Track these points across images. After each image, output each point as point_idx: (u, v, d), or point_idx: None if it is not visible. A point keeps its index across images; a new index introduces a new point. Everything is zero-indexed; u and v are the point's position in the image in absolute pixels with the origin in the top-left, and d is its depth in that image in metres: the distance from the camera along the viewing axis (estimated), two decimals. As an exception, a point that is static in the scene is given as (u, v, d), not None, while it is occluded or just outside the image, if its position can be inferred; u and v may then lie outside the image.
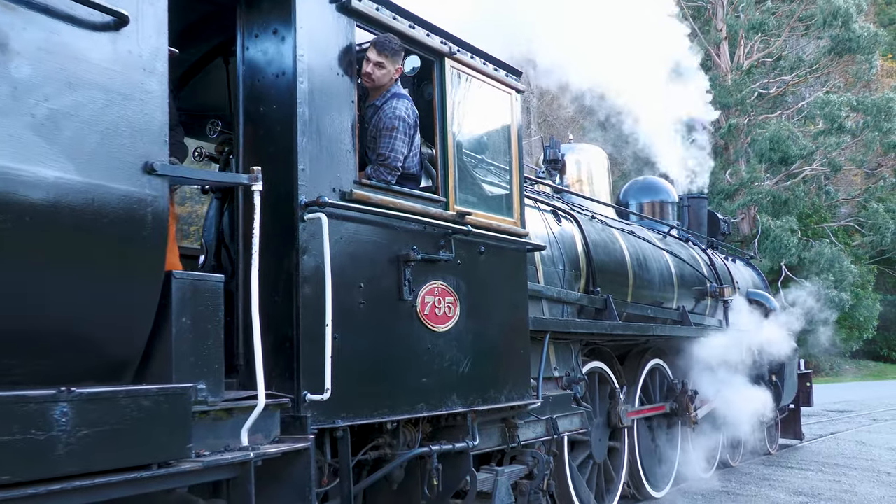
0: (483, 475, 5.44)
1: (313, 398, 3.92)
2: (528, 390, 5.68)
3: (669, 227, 10.23)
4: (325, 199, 4.04)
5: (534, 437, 6.03)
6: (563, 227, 7.36)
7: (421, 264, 4.76)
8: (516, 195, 5.77)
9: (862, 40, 34.10)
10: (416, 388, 4.66)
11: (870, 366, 41.84)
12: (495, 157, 5.69)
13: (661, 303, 9.03)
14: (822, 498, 9.07)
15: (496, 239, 5.47)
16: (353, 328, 4.28)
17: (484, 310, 5.31)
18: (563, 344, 6.80)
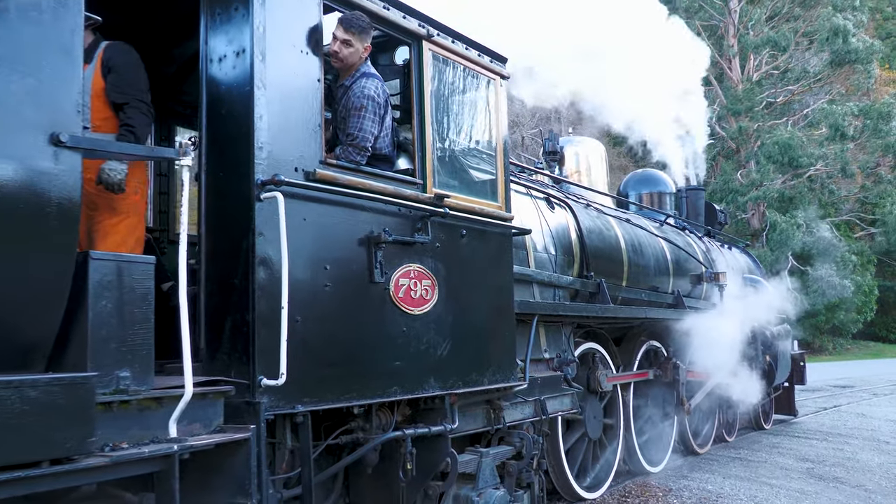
0: (466, 457, 4.80)
1: (269, 383, 3.32)
2: (513, 372, 5.02)
3: (666, 215, 9.46)
4: (280, 178, 3.42)
5: (521, 418, 5.37)
6: (557, 213, 6.67)
7: (395, 247, 4.13)
8: (501, 180, 5.11)
9: (860, 52, 33.67)
10: (389, 372, 4.02)
11: (869, 346, 41.01)
12: (480, 142, 5.02)
13: (657, 287, 8.29)
14: (827, 464, 8.83)
15: (479, 222, 4.80)
16: (318, 311, 3.65)
17: (465, 293, 4.66)
18: (553, 326, 6.12)
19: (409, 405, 4.45)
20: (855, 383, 21.41)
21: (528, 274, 5.81)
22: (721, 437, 10.24)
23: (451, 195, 4.57)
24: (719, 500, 7.00)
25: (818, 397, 17.16)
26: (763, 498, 7.11)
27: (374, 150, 4.11)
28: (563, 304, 6.01)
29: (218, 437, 2.90)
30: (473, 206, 4.74)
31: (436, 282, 4.39)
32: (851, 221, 38.29)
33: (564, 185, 8.23)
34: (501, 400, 5.08)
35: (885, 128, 32.91)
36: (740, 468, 8.57)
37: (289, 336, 3.45)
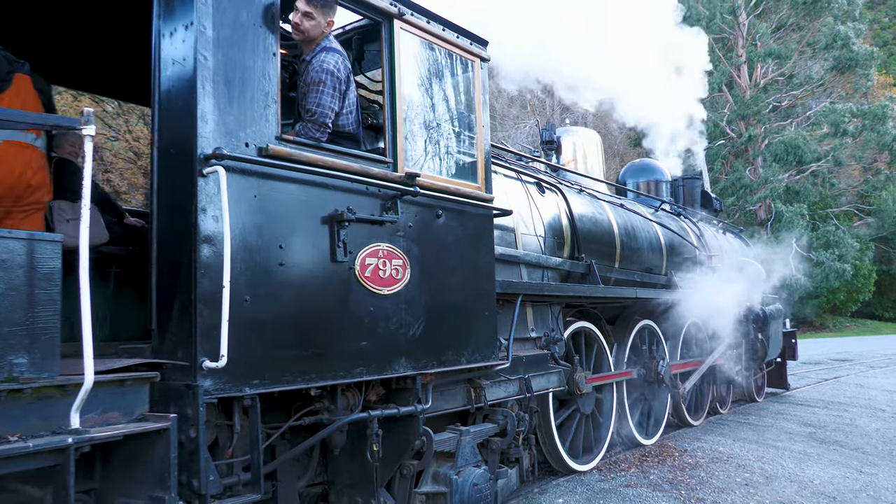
0: (445, 435, 4.23)
1: (211, 365, 2.78)
2: (494, 352, 4.42)
3: (661, 201, 8.72)
4: (222, 152, 2.87)
5: (505, 396, 4.76)
6: (547, 198, 6.02)
7: (361, 226, 3.54)
8: (481, 161, 4.49)
9: (860, 58, 33.22)
10: (354, 352, 3.44)
11: (867, 323, 40.08)
12: (458, 123, 4.41)
13: (651, 269, 7.60)
14: (828, 429, 8.69)
15: (457, 203, 4.19)
16: (271, 290, 3.09)
17: (442, 273, 4.06)
18: (541, 306, 5.50)
19: (382, 385, 3.90)
20: (854, 357, 20.72)
21: (514, 255, 5.19)
22: (714, 410, 9.50)
23: (425, 175, 3.98)
24: (730, 459, 6.83)
25: (820, 369, 16.75)
26: (769, 458, 6.94)
27: (337, 126, 3.53)
28: (549, 284, 5.37)
29: (128, 428, 2.35)
30: (449, 187, 4.13)
31: (408, 262, 3.80)
32: (850, 212, 37.60)
33: (561, 172, 7.57)
34: (482, 379, 4.49)
35: (882, 128, 32.76)
36: (749, 432, 8.34)
37: (236, 316, 2.91)
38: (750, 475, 6.30)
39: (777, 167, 33.16)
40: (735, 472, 6.37)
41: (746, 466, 6.60)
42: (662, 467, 6.42)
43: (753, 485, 5.99)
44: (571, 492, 5.61)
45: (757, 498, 5.60)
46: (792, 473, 6.45)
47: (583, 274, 6.12)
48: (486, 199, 4.44)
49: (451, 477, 4.11)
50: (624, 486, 5.79)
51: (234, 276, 2.92)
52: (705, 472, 6.31)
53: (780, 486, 5.96)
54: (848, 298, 36.22)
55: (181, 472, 2.72)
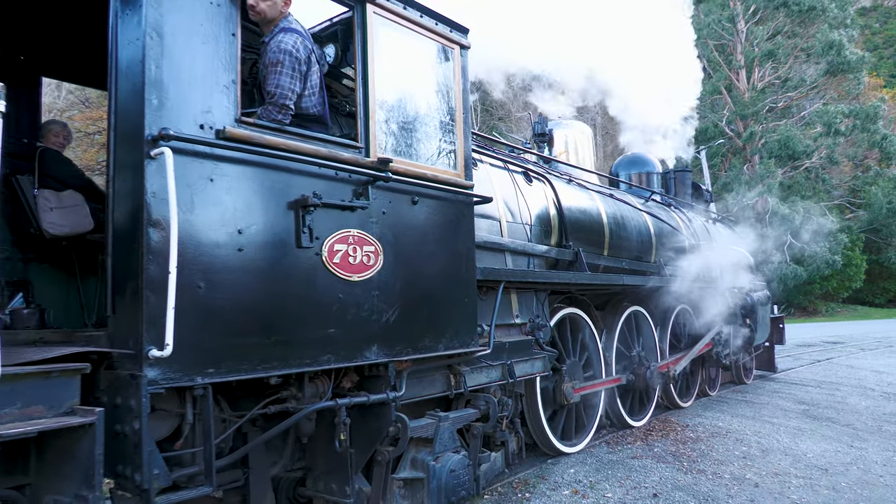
0: (424, 421, 3.88)
1: (157, 354, 2.45)
2: (474, 338, 4.05)
3: (651, 192, 8.25)
4: (169, 132, 2.53)
5: (487, 382, 4.40)
6: (535, 187, 5.62)
7: (330, 211, 3.19)
8: (461, 149, 4.10)
9: (852, 62, 33.00)
10: (321, 340, 3.09)
11: (858, 309, 39.20)
12: (436, 110, 4.01)
13: (641, 257, 7.16)
14: (821, 406, 8.57)
15: (435, 189, 3.83)
16: (229, 277, 2.74)
17: (418, 259, 3.69)
18: (526, 293, 5.11)
19: (355, 372, 3.55)
20: (845, 340, 20.14)
21: (499, 243, 4.80)
22: (704, 392, 9.05)
23: (400, 161, 3.61)
24: (728, 434, 6.80)
25: (813, 351, 16.44)
26: (766, 433, 6.90)
27: (301, 109, 3.17)
28: (533, 271, 4.98)
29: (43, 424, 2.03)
30: (426, 174, 3.76)
31: (381, 248, 3.44)
32: (842, 205, 37.19)
33: (553, 163, 7.15)
34: (462, 365, 4.12)
35: (873, 127, 32.56)
36: (746, 409, 8.25)
37: (190, 304, 2.57)
38: (747, 448, 6.23)
39: (773, 163, 32.99)
40: (733, 446, 6.30)
41: (744, 441, 6.52)
42: (666, 441, 6.39)
43: (751, 457, 5.92)
44: (582, 463, 5.55)
45: (754, 469, 5.53)
46: (787, 447, 6.35)
47: (570, 261, 5.72)
48: (466, 187, 4.06)
49: (429, 463, 3.76)
50: (630, 457, 5.75)
51: (187, 262, 2.58)
52: (706, 446, 6.25)
53: (776, 459, 5.89)
54: (840, 286, 35.85)
55: (125, 466, 2.40)
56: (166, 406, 2.71)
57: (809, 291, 35.31)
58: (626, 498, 4.72)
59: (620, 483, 5.04)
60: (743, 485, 5.11)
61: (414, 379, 3.79)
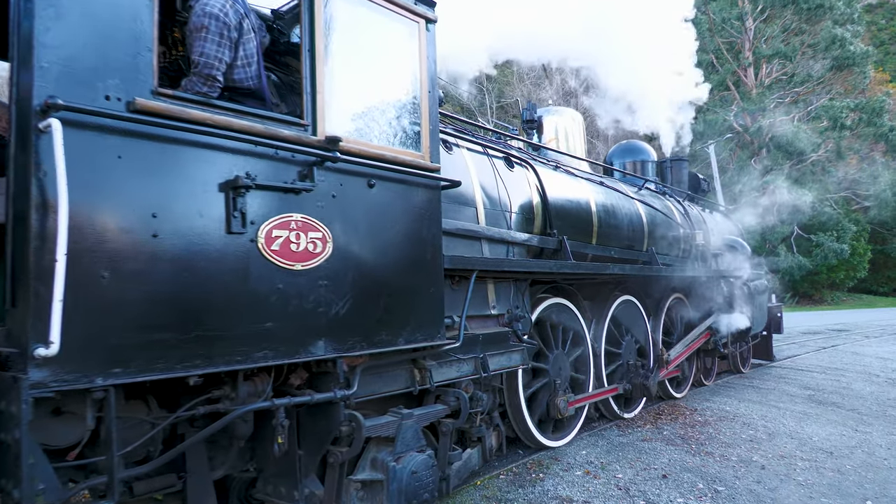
0: (384, 419, 3.46)
1: (44, 353, 2.06)
2: (440, 330, 3.62)
3: (645, 180, 7.73)
4: (57, 102, 2.12)
5: (457, 377, 3.97)
6: (516, 173, 5.16)
7: (267, 194, 2.77)
8: (426, 129, 3.66)
9: (858, 57, 32.45)
10: (254, 335, 2.68)
11: (863, 297, 38.69)
12: (398, 87, 3.58)
13: (632, 246, 6.68)
14: (826, 392, 8.42)
15: (395, 172, 3.41)
16: (140, 266, 2.33)
17: (374, 247, 3.27)
18: (504, 282, 4.68)
19: (305, 369, 3.15)
20: (850, 328, 19.65)
21: (474, 230, 4.36)
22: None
23: (354, 141, 3.18)
24: (736, 418, 6.71)
25: (818, 338, 16.15)
26: (772, 417, 6.80)
27: (233, 81, 2.75)
28: (509, 259, 4.52)
29: None
30: (386, 155, 3.32)
31: (330, 234, 3.02)
32: (848, 197, 36.48)
33: (542, 151, 6.69)
34: (428, 359, 3.71)
35: (878, 121, 32.05)
36: (753, 394, 8.09)
37: (90, 296, 2.18)
38: (754, 432, 6.13)
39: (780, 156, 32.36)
40: (741, 430, 6.21)
41: (751, 424, 6.43)
42: (675, 424, 6.32)
43: (757, 441, 5.83)
44: (593, 445, 5.50)
45: (760, 452, 5.45)
46: (793, 431, 6.24)
47: (555, 250, 5.27)
48: (432, 170, 3.62)
49: (389, 464, 3.36)
50: (640, 440, 5.70)
51: (86, 249, 2.18)
52: (713, 429, 6.17)
53: (782, 443, 5.81)
54: (845, 275, 35.30)
55: (7, 480, 2.03)
56: (76, 410, 2.33)
57: (815, 281, 34.91)
58: (636, 479, 4.65)
59: (631, 464, 4.97)
60: (750, 467, 5.00)
61: (372, 375, 3.38)
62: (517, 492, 4.33)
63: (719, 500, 4.34)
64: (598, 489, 4.43)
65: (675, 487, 4.51)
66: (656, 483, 4.58)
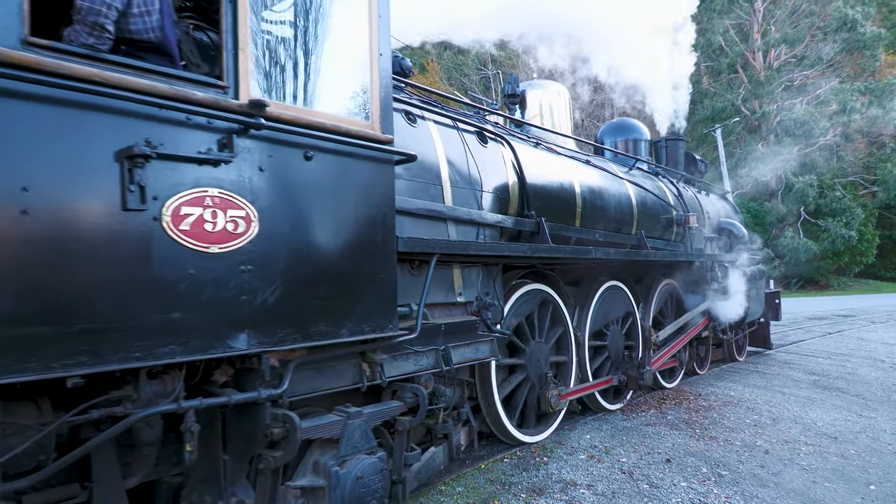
0: (327, 419, 3.11)
1: None
2: (391, 321, 3.27)
3: (636, 160, 7.31)
4: None
5: (415, 371, 3.62)
6: (490, 149, 4.77)
7: (176, 165, 2.39)
8: (375, 96, 3.26)
9: (868, 39, 31.95)
10: (158, 327, 2.31)
11: (870, 283, 38.26)
12: (342, 49, 3.18)
13: (620, 229, 6.30)
14: (831, 377, 8.33)
15: (338, 144, 3.03)
16: (6, 250, 2.00)
17: (312, 227, 2.89)
18: (472, 267, 4.30)
19: (230, 365, 2.80)
20: (856, 313, 19.44)
21: (437, 210, 3.97)
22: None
23: (287, 107, 2.80)
24: (740, 403, 6.66)
25: (824, 324, 15.97)
26: (776, 402, 6.76)
27: (128, 33, 2.35)
28: (475, 242, 4.14)
29: None
30: (325, 123, 2.94)
31: (255, 213, 2.65)
32: (856, 181, 36.27)
33: (525, 127, 6.28)
34: (379, 352, 3.35)
35: (889, 104, 31.40)
36: (758, 379, 8.03)
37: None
38: (758, 417, 6.10)
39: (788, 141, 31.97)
40: (745, 415, 6.17)
41: (755, 409, 6.39)
42: (679, 409, 6.29)
43: (761, 425, 5.78)
44: (597, 429, 5.48)
45: (764, 437, 5.42)
46: (797, 416, 6.21)
47: (532, 232, 4.90)
48: (383, 142, 3.23)
49: (332, 468, 3.02)
50: (644, 424, 5.67)
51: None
52: (718, 414, 6.14)
53: (786, 427, 5.77)
54: (852, 261, 34.97)
55: None
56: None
57: (822, 266, 34.68)
58: (640, 463, 4.62)
59: (635, 448, 4.95)
60: (754, 451, 4.98)
61: (311, 370, 3.02)
62: (521, 475, 4.30)
63: (723, 484, 4.28)
64: (602, 473, 4.39)
65: (679, 471, 4.46)
66: (660, 467, 4.52)
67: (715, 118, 33.11)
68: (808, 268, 34.50)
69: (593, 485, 4.18)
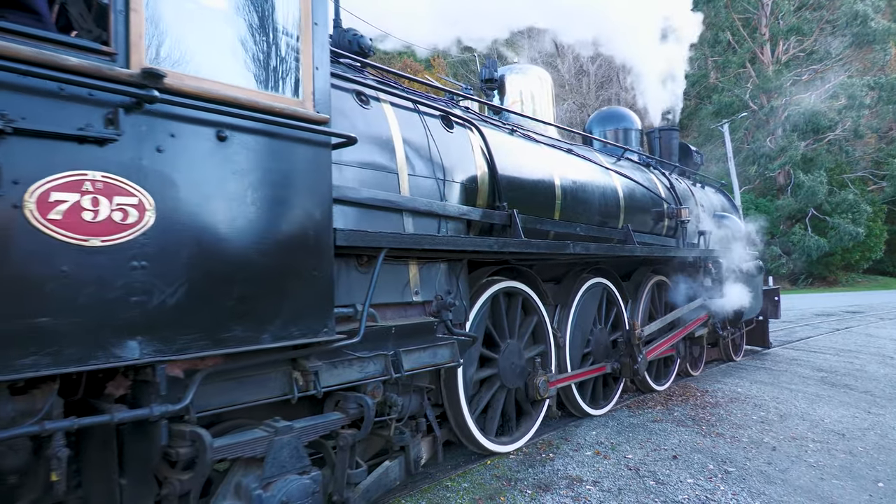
0: (247, 436, 2.74)
1: None
2: (326, 323, 2.89)
3: (624, 149, 6.90)
4: None
5: (360, 379, 3.24)
6: (456, 135, 4.37)
7: (45, 143, 2.03)
8: (308, 68, 2.88)
9: (878, 34, 31.57)
10: (18, 334, 1.97)
11: (878, 279, 38.39)
12: (267, 12, 2.82)
13: (606, 223, 5.91)
14: (839, 374, 8.24)
15: (262, 122, 2.66)
16: None
17: (225, 218, 2.49)
18: (432, 263, 3.92)
19: (125, 376, 2.44)
20: (864, 310, 19.44)
21: (390, 200, 3.60)
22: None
23: (193, 77, 2.43)
24: (747, 400, 6.59)
25: (832, 320, 15.89)
26: (784, 399, 6.68)
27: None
28: (430, 235, 3.71)
29: None
30: (241, 98, 2.56)
31: (151, 201, 2.27)
32: (865, 177, 36.11)
33: (504, 114, 5.89)
34: (314, 359, 2.97)
35: None
36: (765, 375, 7.94)
37: None
38: (765, 414, 6.04)
39: (795, 136, 31.83)
40: (752, 411, 6.11)
41: (762, 406, 6.33)
42: (685, 406, 6.23)
43: (768, 422, 5.73)
44: (604, 426, 5.43)
45: (772, 434, 5.36)
46: (804, 413, 6.14)
47: (504, 226, 4.51)
48: (316, 121, 2.85)
49: (253, 491, 2.66)
50: (650, 421, 5.62)
51: None
52: (724, 411, 6.07)
53: (794, 424, 5.71)
54: (860, 257, 35.04)
55: None
56: None
57: (830, 262, 34.60)
58: (646, 459, 4.58)
59: (641, 445, 4.91)
60: (761, 448, 4.94)
61: (229, 381, 2.66)
62: (527, 471, 4.27)
63: (729, 480, 4.23)
64: (609, 469, 4.36)
65: (686, 468, 4.43)
66: (666, 463, 4.49)
67: (722, 113, 32.60)
68: (816, 264, 34.13)
69: (599, 481, 4.13)
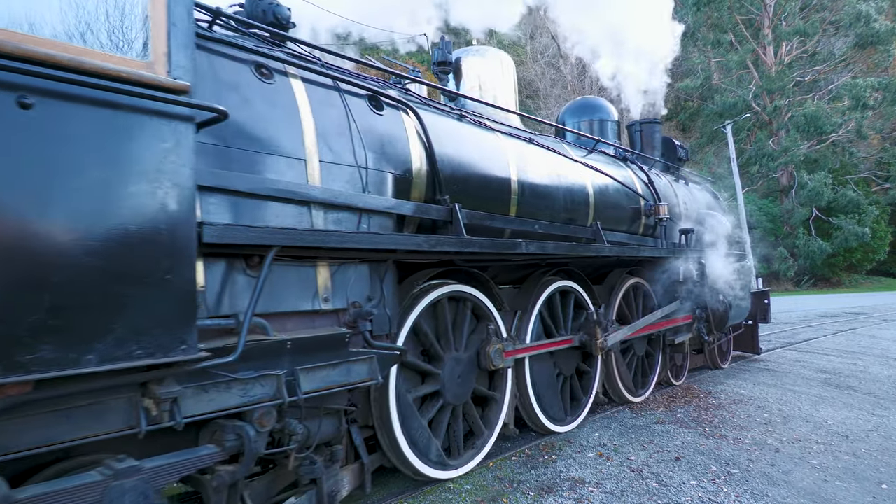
0: (74, 482, 2.20)
1: None
2: (186, 339, 2.33)
3: (597, 141, 6.35)
4: None
5: (240, 404, 2.68)
6: (387, 117, 3.81)
7: None
8: (160, 23, 2.32)
9: (881, 35, 31.35)
10: None
11: (882, 280, 38.11)
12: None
13: (573, 220, 5.35)
14: (842, 375, 8.18)
15: (89, 87, 2.11)
16: None
17: (29, 208, 1.96)
18: (348, 265, 3.37)
19: None
20: (868, 311, 19.29)
21: (293, 191, 3.03)
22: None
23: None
24: (750, 401, 6.56)
25: (836, 322, 15.74)
26: (787, 401, 6.63)
27: None
28: (336, 231, 3.09)
29: None
30: (58, 56, 2.01)
31: None
32: (868, 178, 35.93)
33: (461, 100, 5.34)
34: (170, 383, 2.41)
35: None
36: (768, 377, 7.91)
37: None
38: (769, 415, 6.01)
39: (798, 137, 31.57)
40: (755, 413, 6.09)
41: (766, 408, 6.30)
42: (688, 407, 6.20)
43: (772, 424, 5.71)
44: (606, 427, 5.42)
45: (775, 435, 5.34)
46: (808, 414, 6.11)
47: (445, 222, 3.95)
48: (170, 89, 2.29)
49: (77, 554, 2.10)
50: (654, 423, 5.61)
51: None
52: (727, 412, 6.05)
53: (797, 426, 5.69)
54: (864, 258, 34.90)
55: None
56: None
57: (833, 263, 34.34)
58: (649, 461, 4.57)
59: (644, 446, 4.90)
60: (764, 450, 4.92)
61: (43, 413, 2.10)
62: (529, 473, 4.26)
63: (732, 482, 4.20)
64: (611, 471, 4.35)
65: (689, 470, 4.41)
66: (669, 465, 4.48)
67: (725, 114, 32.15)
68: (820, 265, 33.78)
69: (602, 483, 4.11)
